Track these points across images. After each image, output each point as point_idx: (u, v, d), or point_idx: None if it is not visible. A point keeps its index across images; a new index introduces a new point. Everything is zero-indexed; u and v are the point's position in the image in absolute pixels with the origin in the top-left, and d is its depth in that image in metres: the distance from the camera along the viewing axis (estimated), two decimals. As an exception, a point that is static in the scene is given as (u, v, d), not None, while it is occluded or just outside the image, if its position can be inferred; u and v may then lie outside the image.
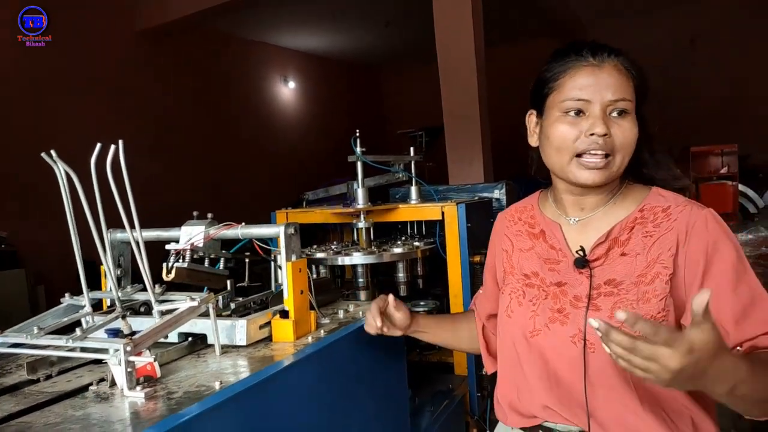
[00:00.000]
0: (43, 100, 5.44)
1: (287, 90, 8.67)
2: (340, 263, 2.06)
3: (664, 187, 1.06)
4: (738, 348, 0.91)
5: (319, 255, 2.06)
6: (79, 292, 1.18)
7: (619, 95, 0.97)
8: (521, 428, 1.09)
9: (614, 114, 0.98)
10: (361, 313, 1.48)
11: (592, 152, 0.97)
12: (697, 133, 6.60)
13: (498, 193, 2.51)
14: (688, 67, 7.89)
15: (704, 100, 7.72)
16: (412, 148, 2.33)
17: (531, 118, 1.11)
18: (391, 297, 1.25)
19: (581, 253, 1.01)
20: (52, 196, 1.03)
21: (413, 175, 2.28)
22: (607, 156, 0.97)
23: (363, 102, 10.19)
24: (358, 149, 2.09)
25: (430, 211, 2.09)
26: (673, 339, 0.70)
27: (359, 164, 2.10)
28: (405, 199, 2.31)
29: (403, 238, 2.32)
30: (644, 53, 8.09)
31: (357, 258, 2.00)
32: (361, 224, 2.13)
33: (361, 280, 2.13)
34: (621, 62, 0.99)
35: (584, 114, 0.98)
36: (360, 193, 2.11)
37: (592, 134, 0.96)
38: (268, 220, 2.34)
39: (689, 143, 5.55)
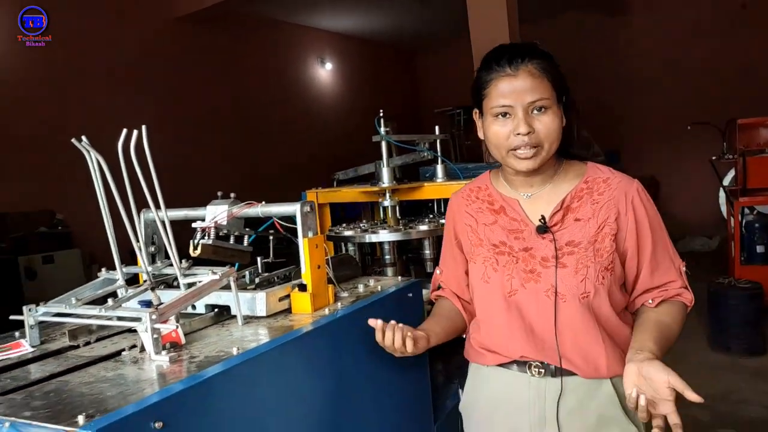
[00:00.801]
0: (88, 88, 5.68)
1: (324, 71, 8.74)
2: (366, 240, 2.13)
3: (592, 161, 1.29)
4: (650, 300, 1.22)
5: (347, 233, 2.13)
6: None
7: (535, 96, 1.15)
8: (498, 364, 1.26)
9: (535, 111, 1.16)
10: (380, 287, 1.53)
11: (522, 148, 1.16)
12: (748, 105, 6.31)
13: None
14: (737, 32, 7.51)
15: (754, 71, 7.35)
16: (437, 128, 2.35)
17: (476, 116, 1.28)
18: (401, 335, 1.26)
19: (542, 221, 1.20)
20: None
21: (438, 153, 2.30)
22: (536, 147, 1.16)
23: (399, 82, 10.17)
24: (383, 129, 2.13)
25: (455, 189, 2.12)
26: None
27: (384, 144, 2.14)
28: (433, 177, 2.35)
29: (431, 216, 2.36)
30: (689, 21, 7.77)
31: (382, 235, 2.05)
32: (387, 202, 2.17)
33: (388, 257, 2.19)
34: (535, 66, 1.16)
35: (510, 115, 1.17)
36: (385, 172, 2.16)
37: (518, 134, 1.15)
38: (300, 199, 2.42)
39: (739, 115, 5.32)
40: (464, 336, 1.41)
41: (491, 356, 1.28)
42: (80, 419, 0.75)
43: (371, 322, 1.21)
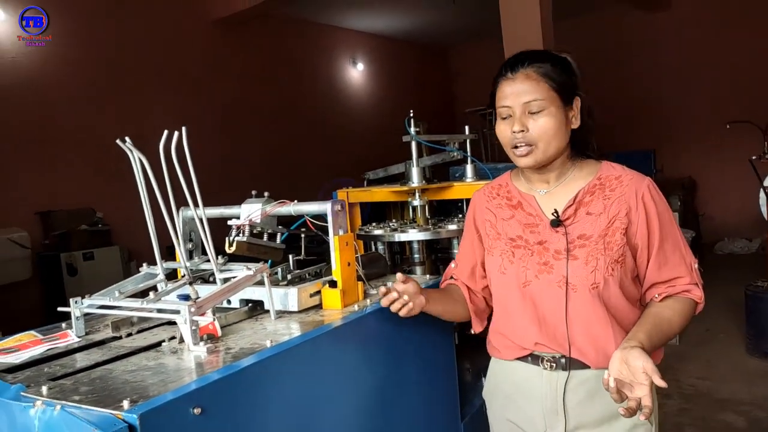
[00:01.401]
0: (126, 90, 5.85)
1: (356, 72, 8.80)
2: (396, 240, 2.16)
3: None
4: (657, 295, 1.25)
5: (377, 232, 2.16)
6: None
7: (530, 97, 1.21)
8: (515, 358, 1.33)
9: (531, 112, 1.22)
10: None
11: (519, 145, 1.24)
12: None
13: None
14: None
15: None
16: (467, 127, 2.36)
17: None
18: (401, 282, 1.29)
19: (555, 215, 1.26)
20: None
21: (468, 153, 2.32)
22: (531, 145, 1.23)
23: (431, 81, 10.16)
24: (413, 129, 2.16)
25: (482, 189, 2.13)
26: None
27: (414, 144, 2.17)
28: (463, 177, 2.36)
29: (460, 215, 2.38)
30: (729, 17, 7.50)
31: (411, 234, 2.08)
32: (416, 202, 2.20)
33: (416, 256, 2.22)
34: (533, 69, 1.23)
35: (511, 116, 1.25)
36: (414, 172, 2.18)
37: (513, 132, 1.23)
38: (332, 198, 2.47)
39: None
40: (473, 332, 1.46)
41: (508, 350, 1.34)
42: (125, 404, 0.80)
43: (382, 290, 1.25)
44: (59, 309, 1.26)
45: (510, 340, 1.34)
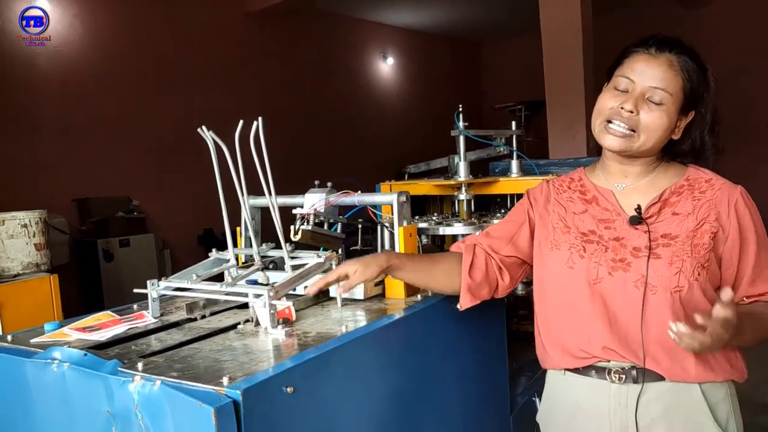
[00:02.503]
0: (163, 82, 5.94)
1: (386, 66, 8.80)
2: (441, 233, 2.18)
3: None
4: (744, 298, 1.18)
5: (421, 225, 2.19)
6: (223, 248, 1.39)
7: (660, 84, 1.13)
8: (574, 368, 1.21)
9: (650, 100, 1.14)
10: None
11: (617, 122, 1.15)
12: None
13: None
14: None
15: None
16: (513, 123, 2.37)
17: (604, 88, 1.25)
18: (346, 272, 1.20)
19: (638, 210, 1.18)
20: (176, 170, 1.22)
21: (515, 149, 2.32)
22: (632, 131, 1.14)
23: (461, 76, 10.11)
24: (461, 123, 2.17)
25: (532, 185, 2.13)
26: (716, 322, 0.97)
27: (461, 138, 2.18)
28: (505, 172, 2.36)
29: (503, 210, 2.39)
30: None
31: (458, 228, 2.09)
32: (463, 196, 2.21)
33: (460, 249, 2.24)
34: (678, 59, 1.14)
35: (627, 92, 1.15)
36: (462, 166, 2.20)
37: (622, 107, 1.14)
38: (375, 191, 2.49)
39: None
40: (459, 308, 1.30)
41: (569, 357, 1.22)
42: (224, 380, 0.84)
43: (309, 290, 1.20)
44: (135, 290, 1.30)
45: (571, 346, 1.21)
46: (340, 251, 1.57)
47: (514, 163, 2.31)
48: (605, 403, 1.17)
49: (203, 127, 1.28)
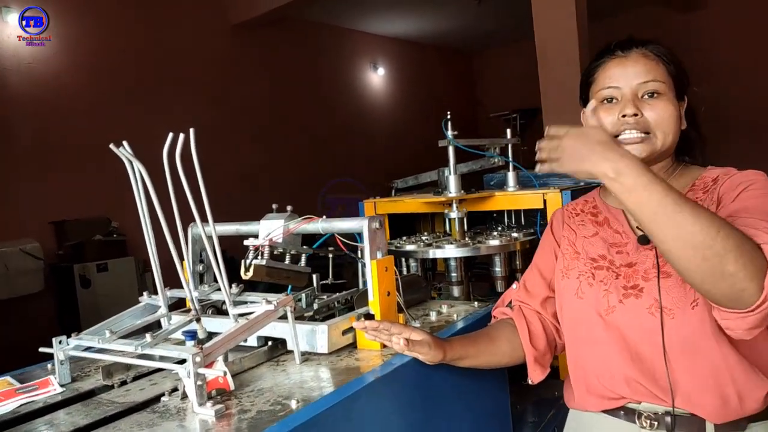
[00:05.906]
0: (144, 96, 5.70)
1: (376, 77, 8.60)
2: (431, 256, 1.91)
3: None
4: None
5: (409, 247, 1.92)
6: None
7: (647, 77, 1.05)
8: (602, 411, 1.07)
9: (646, 96, 1.05)
10: (455, 315, 1.32)
11: (627, 131, 1.04)
12: None
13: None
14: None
15: None
16: (508, 131, 2.12)
17: (582, 116, 1.18)
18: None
19: (641, 230, 1.05)
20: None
21: (510, 159, 2.07)
22: (646, 133, 1.04)
23: (454, 86, 9.92)
24: (449, 133, 1.92)
25: (530, 199, 1.89)
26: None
27: (451, 149, 1.93)
28: (501, 185, 2.11)
29: (500, 228, 2.13)
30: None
31: (450, 251, 1.83)
32: (454, 214, 1.95)
33: (454, 274, 1.96)
34: (649, 50, 1.08)
35: (617, 100, 1.07)
36: (452, 180, 1.94)
37: (623, 116, 1.04)
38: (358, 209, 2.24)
39: None
40: (531, 382, 1.19)
41: (593, 398, 1.08)
42: None
43: (356, 325, 1.03)
44: (41, 349, 1.04)
45: (595, 384, 1.07)
46: (316, 286, 1.32)
47: (511, 175, 2.06)
48: None
49: (124, 143, 1.02)
